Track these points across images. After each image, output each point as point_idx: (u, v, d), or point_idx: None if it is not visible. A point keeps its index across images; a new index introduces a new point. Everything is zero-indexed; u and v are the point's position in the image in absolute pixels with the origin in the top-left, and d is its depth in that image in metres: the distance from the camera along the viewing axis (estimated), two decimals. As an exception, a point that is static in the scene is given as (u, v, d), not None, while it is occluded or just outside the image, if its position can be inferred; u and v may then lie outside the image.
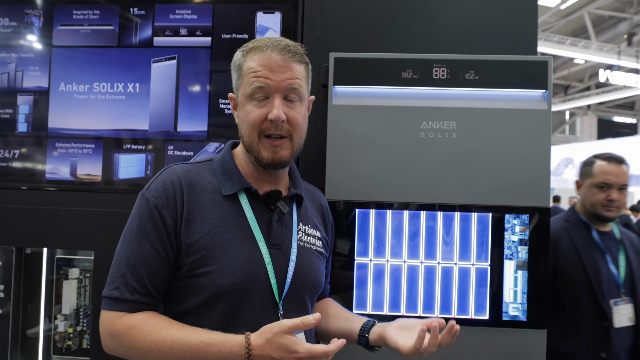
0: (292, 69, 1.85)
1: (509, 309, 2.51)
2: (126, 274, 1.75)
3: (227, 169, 1.92)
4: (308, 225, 2.05)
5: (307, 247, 1.99)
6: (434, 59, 2.59)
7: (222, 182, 1.89)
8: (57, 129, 3.04)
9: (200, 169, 1.93)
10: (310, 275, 1.95)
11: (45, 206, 2.97)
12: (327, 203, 2.27)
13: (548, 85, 2.55)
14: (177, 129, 2.94)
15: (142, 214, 1.80)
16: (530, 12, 2.79)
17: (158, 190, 1.82)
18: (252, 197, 1.90)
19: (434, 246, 2.54)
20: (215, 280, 1.75)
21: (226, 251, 1.78)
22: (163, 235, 1.78)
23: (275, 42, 1.85)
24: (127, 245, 1.78)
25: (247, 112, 1.85)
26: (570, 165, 30.89)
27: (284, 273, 1.86)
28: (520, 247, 2.51)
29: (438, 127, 2.55)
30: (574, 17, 22.35)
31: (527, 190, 2.52)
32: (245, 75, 1.85)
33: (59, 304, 3.10)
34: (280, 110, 1.80)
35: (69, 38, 3.06)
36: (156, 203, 1.79)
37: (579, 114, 37.16)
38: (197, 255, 1.77)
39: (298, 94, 1.87)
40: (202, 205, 1.83)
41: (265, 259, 1.82)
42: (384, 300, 2.54)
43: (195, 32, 2.96)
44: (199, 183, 1.87)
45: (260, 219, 1.88)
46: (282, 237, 1.90)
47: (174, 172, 1.87)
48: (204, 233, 1.78)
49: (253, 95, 1.83)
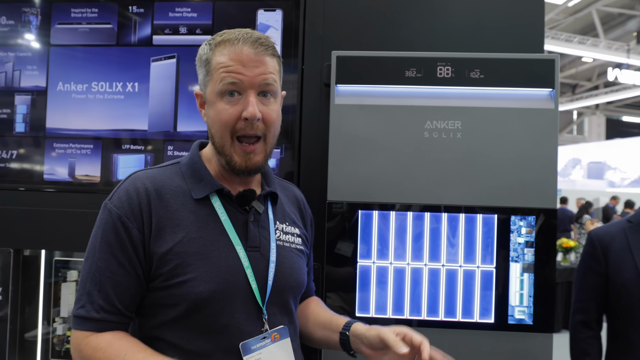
0: (266, 63, 1.78)
1: (515, 312, 2.49)
2: (92, 291, 1.69)
3: (195, 171, 1.86)
4: (285, 223, 2.01)
5: (286, 246, 1.95)
6: (438, 57, 2.57)
7: (191, 186, 1.82)
8: (55, 129, 3.04)
9: (167, 173, 1.85)
10: (292, 275, 1.91)
11: (43, 207, 2.97)
12: (303, 196, 2.24)
13: (555, 84, 2.53)
14: (176, 129, 2.93)
15: (105, 226, 1.73)
16: (537, 9, 2.77)
17: (121, 199, 1.75)
18: (225, 198, 1.84)
19: (438, 248, 2.53)
20: (193, 289, 1.68)
21: (202, 258, 1.72)
22: (128, 248, 1.70)
23: (246, 35, 1.78)
24: (92, 260, 1.71)
25: (218, 111, 1.78)
26: (577, 166, 30.93)
27: (265, 276, 1.82)
28: (526, 249, 2.49)
29: (442, 126, 2.54)
30: (582, 14, 22.34)
31: (534, 192, 2.50)
32: (215, 70, 1.78)
33: (57, 306, 3.09)
34: (255, 108, 1.74)
35: (67, 37, 3.05)
36: (119, 214, 1.72)
37: (587, 114, 37.20)
38: (171, 265, 1.69)
39: (272, 90, 1.81)
40: (173, 211, 1.76)
41: (244, 262, 1.77)
42: (387, 304, 2.53)
43: (195, 30, 2.95)
44: (167, 188, 1.79)
45: (235, 221, 1.82)
46: (259, 238, 1.85)
47: (138, 179, 1.80)
48: (176, 241, 1.71)
49: (225, 92, 1.76)
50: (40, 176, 3.05)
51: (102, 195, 2.89)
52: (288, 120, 2.82)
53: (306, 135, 2.81)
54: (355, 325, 1.95)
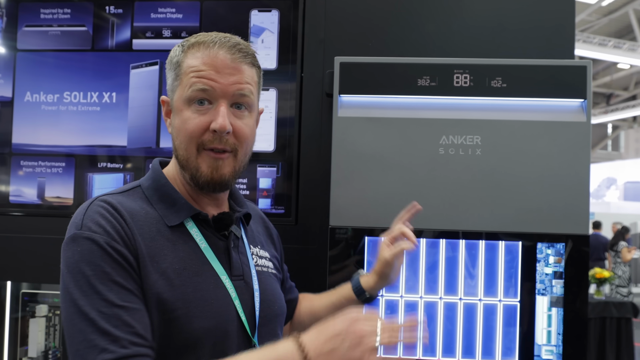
0: (243, 72, 1.76)
1: (542, 352, 2.49)
2: (107, 329, 1.50)
3: (165, 194, 1.81)
4: (258, 247, 2.03)
5: (264, 271, 1.97)
6: (455, 64, 2.58)
7: (162, 211, 1.77)
8: (23, 145, 3.04)
9: (131, 198, 1.77)
10: (275, 302, 1.94)
11: (8, 233, 2.97)
12: (263, 214, 2.29)
13: (587, 93, 2.53)
14: (159, 145, 2.94)
15: (91, 256, 1.58)
16: (567, 10, 2.78)
17: (99, 224, 1.62)
18: (201, 223, 1.81)
19: (455, 279, 2.53)
20: (184, 327, 1.62)
21: (190, 291, 1.67)
22: (130, 272, 1.60)
23: (224, 38, 1.76)
24: (90, 299, 1.54)
25: (184, 120, 1.75)
26: (613, 186, 30.92)
27: (252, 306, 1.82)
28: (554, 280, 2.49)
29: (460, 142, 2.54)
30: (617, 15, 22.41)
31: (563, 215, 2.50)
32: (185, 74, 1.75)
33: (24, 345, 3.09)
34: (226, 120, 1.71)
35: (35, 41, 3.06)
36: (105, 240, 1.59)
37: (623, 127, 37.23)
38: (156, 300, 1.62)
39: (247, 102, 1.80)
40: (149, 239, 1.68)
41: (231, 293, 1.76)
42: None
43: (181, 33, 2.96)
44: (138, 214, 1.71)
45: (215, 248, 1.80)
46: (242, 265, 1.86)
47: (105, 203, 1.68)
48: (159, 273, 1.64)
49: (193, 99, 1.73)
50: (5, 198, 3.05)
51: (75, 220, 2.90)
52: (285, 135, 2.82)
53: (305, 151, 2.81)
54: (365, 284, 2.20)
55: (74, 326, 1.53)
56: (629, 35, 23.89)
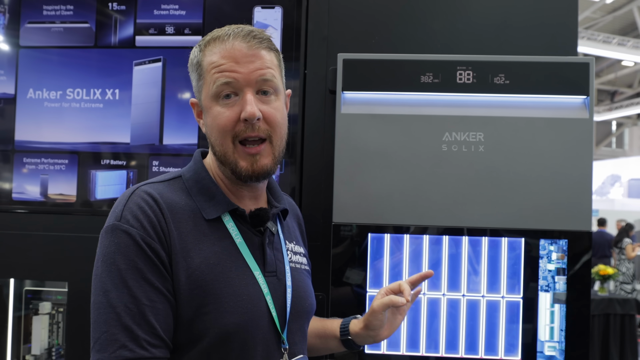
0: (262, 57, 1.78)
1: (545, 348, 2.49)
2: (131, 326, 1.57)
3: (204, 188, 1.84)
4: (293, 242, 2.05)
5: (297, 267, 1.99)
6: (458, 61, 2.58)
7: (201, 204, 1.80)
8: (25, 142, 3.05)
9: (172, 189, 1.82)
10: (307, 299, 1.97)
11: (11, 231, 2.97)
12: (298, 208, 2.31)
13: (590, 90, 2.54)
14: (162, 142, 2.94)
15: (127, 250, 1.63)
16: (570, 7, 2.77)
17: (137, 218, 1.67)
18: (238, 218, 1.84)
19: (458, 276, 2.54)
20: (215, 322, 1.66)
21: (222, 286, 1.69)
22: (161, 270, 1.65)
23: (237, 29, 1.79)
24: (119, 292, 1.60)
25: (214, 116, 1.78)
26: (617, 183, 30.87)
27: (283, 302, 1.84)
28: (557, 277, 2.49)
29: (463, 139, 2.54)
30: (621, 12, 22.38)
31: (566, 212, 2.50)
32: (207, 72, 1.78)
33: (28, 342, 3.09)
34: (254, 107, 1.73)
35: (38, 37, 3.06)
36: (141, 235, 1.64)
37: (628, 124, 37.17)
38: (190, 295, 1.66)
39: (272, 86, 1.81)
40: (186, 232, 1.72)
41: (264, 289, 1.77)
42: (400, 338, 2.53)
43: (184, 30, 2.96)
44: (177, 206, 1.76)
45: (250, 243, 1.82)
46: (275, 261, 1.87)
47: (146, 194, 1.73)
48: (194, 266, 1.68)
49: (219, 94, 1.76)
50: (8, 195, 3.05)
51: (79, 217, 2.91)
52: (289, 132, 2.81)
53: (309, 148, 2.82)
54: (352, 327, 2.19)
55: (100, 315, 1.60)
56: (633, 33, 23.84)
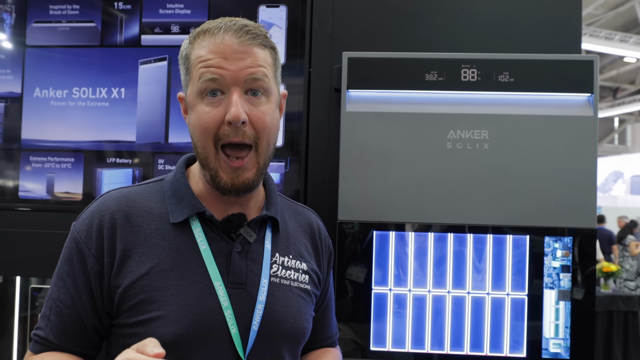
0: (254, 55, 1.63)
1: (550, 345, 2.50)
2: (48, 314, 1.68)
3: (176, 190, 1.74)
4: (288, 256, 1.83)
5: (284, 284, 1.78)
6: (463, 59, 2.59)
7: (171, 207, 1.71)
8: (32, 141, 3.06)
9: (145, 192, 1.76)
10: (287, 320, 1.74)
11: (17, 229, 2.98)
12: (322, 225, 2.08)
13: (594, 88, 2.54)
14: (168, 141, 2.96)
15: (65, 251, 1.69)
16: (574, 4, 2.78)
17: (84, 223, 1.68)
18: (208, 223, 1.72)
19: (463, 273, 2.54)
20: (156, 330, 1.56)
21: (171, 294, 1.60)
22: (80, 278, 1.64)
23: (229, 22, 1.64)
24: (52, 284, 1.70)
25: (198, 115, 1.64)
26: (619, 179, 30.80)
27: (249, 319, 1.66)
28: (562, 274, 2.50)
29: (467, 137, 2.55)
30: (624, 8, 22.30)
31: (570, 209, 2.51)
32: (194, 66, 1.65)
33: (33, 340, 3.10)
34: (239, 108, 1.59)
35: (44, 37, 3.08)
36: (78, 239, 1.66)
37: (630, 121, 37.06)
38: (135, 300, 1.59)
39: (263, 86, 1.65)
40: (143, 237, 1.66)
41: (222, 302, 1.63)
42: (405, 336, 2.54)
43: (189, 29, 2.96)
44: (139, 210, 1.70)
45: (216, 251, 1.69)
46: (245, 272, 1.70)
47: (108, 199, 1.71)
48: (142, 272, 1.61)
49: (204, 90, 1.62)
50: (14, 193, 3.07)
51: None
52: (294, 130, 2.83)
53: (314, 146, 2.82)
54: None
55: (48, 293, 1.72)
56: (635, 29, 23.77)
